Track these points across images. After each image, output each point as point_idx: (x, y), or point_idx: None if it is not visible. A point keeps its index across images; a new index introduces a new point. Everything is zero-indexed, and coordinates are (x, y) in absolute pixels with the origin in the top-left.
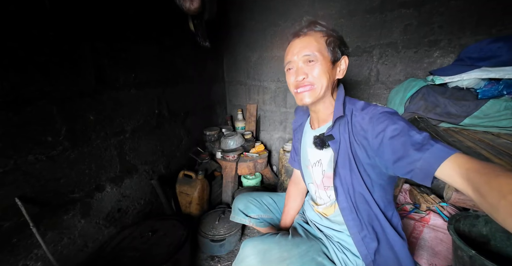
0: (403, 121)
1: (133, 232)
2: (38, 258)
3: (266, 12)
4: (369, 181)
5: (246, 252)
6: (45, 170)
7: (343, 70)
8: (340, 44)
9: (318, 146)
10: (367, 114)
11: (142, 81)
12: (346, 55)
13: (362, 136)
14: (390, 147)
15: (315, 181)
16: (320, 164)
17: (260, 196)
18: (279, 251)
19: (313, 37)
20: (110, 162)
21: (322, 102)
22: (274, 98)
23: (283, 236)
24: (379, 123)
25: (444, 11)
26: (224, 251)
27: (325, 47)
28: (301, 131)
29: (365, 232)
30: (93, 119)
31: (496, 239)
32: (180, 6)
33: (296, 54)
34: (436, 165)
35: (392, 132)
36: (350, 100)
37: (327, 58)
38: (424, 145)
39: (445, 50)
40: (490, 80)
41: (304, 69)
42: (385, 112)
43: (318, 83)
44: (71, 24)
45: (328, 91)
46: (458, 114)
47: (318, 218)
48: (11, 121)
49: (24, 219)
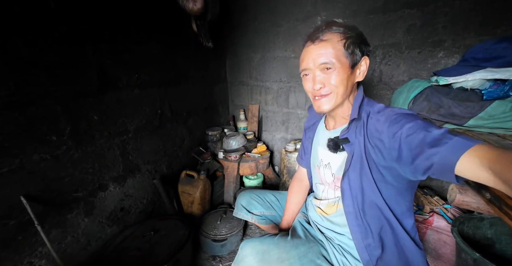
0: (419, 119)
1: (135, 231)
2: (42, 256)
3: (268, 12)
4: (384, 185)
5: (245, 252)
6: (50, 169)
7: (363, 72)
8: (360, 44)
9: (332, 149)
10: (382, 116)
11: (145, 82)
12: (366, 56)
13: (377, 138)
14: (407, 146)
15: (324, 181)
16: (331, 166)
17: (263, 193)
18: (278, 252)
19: (329, 42)
20: (113, 162)
21: (340, 107)
22: (276, 99)
23: (282, 237)
24: (394, 124)
25: (448, 11)
26: (225, 251)
27: (343, 52)
28: (314, 130)
29: (369, 241)
30: (96, 119)
31: (501, 242)
32: (183, 6)
33: (312, 62)
34: (454, 158)
35: (408, 131)
36: (368, 102)
37: (345, 64)
38: (442, 140)
39: (449, 50)
40: (495, 81)
41: (321, 77)
42: (401, 113)
43: (335, 91)
44: (75, 25)
45: (347, 96)
46: (462, 115)
47: (320, 219)
48: (16, 121)
49: (29, 217)
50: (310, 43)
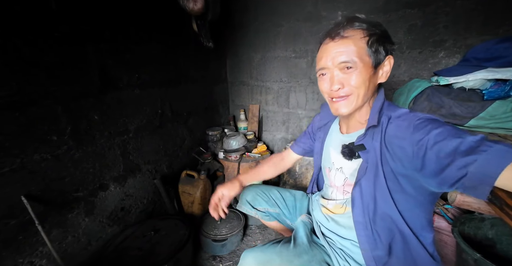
0: (448, 125)
1: (136, 231)
2: (43, 255)
3: (269, 12)
4: (402, 196)
5: (247, 263)
6: (50, 169)
7: (386, 73)
8: (384, 42)
9: (347, 156)
10: (404, 121)
11: (146, 82)
12: (391, 55)
13: (397, 145)
14: (434, 155)
15: (334, 184)
16: (343, 171)
17: (268, 190)
18: (281, 262)
19: (351, 39)
20: (114, 162)
21: (358, 111)
22: (277, 99)
23: (284, 246)
24: (419, 129)
25: (449, 11)
26: (225, 251)
27: (365, 50)
28: (326, 131)
29: (378, 252)
30: (97, 119)
31: (502, 242)
32: (184, 6)
33: (331, 60)
34: (497, 168)
35: (436, 137)
36: (389, 107)
37: (367, 64)
38: (479, 147)
39: (451, 50)
40: (496, 81)
41: (340, 77)
42: (426, 118)
43: (355, 93)
44: (76, 25)
45: (367, 99)
46: (463, 115)
47: (325, 220)
48: (17, 121)
49: (29, 217)
50: (329, 40)
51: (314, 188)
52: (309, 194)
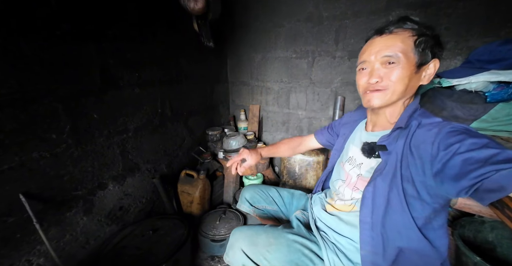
0: (486, 137)
1: (134, 230)
2: (40, 254)
3: (270, 12)
4: (418, 203)
5: (236, 237)
6: (49, 167)
7: (429, 75)
8: (433, 45)
9: (366, 153)
10: (436, 127)
11: (146, 81)
12: (437, 58)
13: (423, 149)
14: (462, 160)
15: (346, 179)
16: (360, 168)
17: (267, 188)
18: (266, 237)
19: (399, 36)
20: (113, 161)
21: (390, 107)
22: (277, 99)
23: (272, 226)
24: (453, 136)
25: (451, 13)
26: (224, 251)
27: (412, 48)
28: (352, 127)
29: (379, 257)
30: (96, 118)
31: (502, 246)
32: (185, 6)
33: (374, 54)
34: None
35: (471, 146)
36: (423, 114)
37: (411, 61)
38: None
39: (452, 52)
40: (499, 83)
41: (380, 71)
42: (461, 127)
43: (392, 88)
44: (77, 23)
45: (403, 98)
46: (465, 118)
47: (325, 216)
48: (17, 119)
49: (27, 215)
50: (377, 36)
51: (319, 187)
52: (309, 194)
